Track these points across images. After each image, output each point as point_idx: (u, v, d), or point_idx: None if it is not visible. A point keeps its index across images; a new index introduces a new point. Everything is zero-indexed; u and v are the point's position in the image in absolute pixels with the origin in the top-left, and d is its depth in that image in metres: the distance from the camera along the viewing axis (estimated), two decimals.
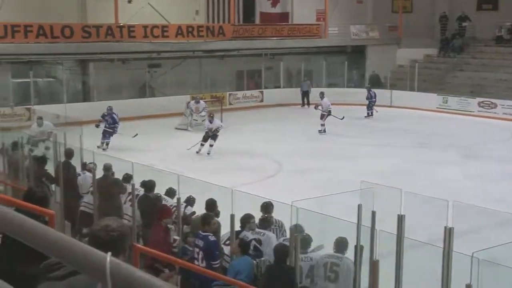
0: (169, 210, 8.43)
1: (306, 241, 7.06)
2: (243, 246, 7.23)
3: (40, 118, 16.31)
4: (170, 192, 9.45)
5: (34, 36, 21.86)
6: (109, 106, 18.63)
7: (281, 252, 6.83)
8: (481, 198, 12.21)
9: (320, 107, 21.17)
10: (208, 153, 17.43)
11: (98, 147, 17.27)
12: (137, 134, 18.48)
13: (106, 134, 18.22)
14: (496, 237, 8.52)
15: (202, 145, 17.67)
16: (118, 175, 10.16)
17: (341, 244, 6.94)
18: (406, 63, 29.02)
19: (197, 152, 17.51)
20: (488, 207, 9.87)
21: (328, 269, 6.81)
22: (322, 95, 21.61)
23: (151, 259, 7.74)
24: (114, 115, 18.35)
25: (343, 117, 21.07)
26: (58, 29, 22.26)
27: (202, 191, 9.31)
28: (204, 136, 17.81)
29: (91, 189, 9.92)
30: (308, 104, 26.26)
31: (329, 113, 20.93)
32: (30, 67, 22.76)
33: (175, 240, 8.20)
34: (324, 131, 20.66)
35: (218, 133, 17.76)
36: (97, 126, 18.26)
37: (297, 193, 9.67)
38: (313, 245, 7.19)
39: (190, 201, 9.16)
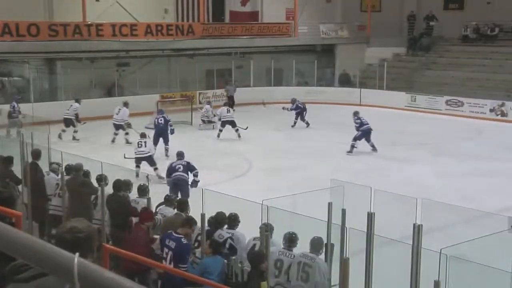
0: (151, 214, 8.34)
1: (320, 244, 7.04)
2: (215, 246, 7.20)
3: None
4: (141, 189, 9.35)
5: None
6: None
7: (256, 257, 6.86)
8: (450, 195, 12.38)
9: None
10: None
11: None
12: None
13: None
14: (464, 233, 8.64)
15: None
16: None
17: (316, 244, 6.97)
18: (375, 61, 29.28)
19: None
20: (456, 204, 10.01)
21: (301, 268, 6.85)
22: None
23: (131, 262, 7.48)
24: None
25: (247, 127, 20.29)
26: (24, 27, 21.92)
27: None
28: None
29: (57, 191, 9.81)
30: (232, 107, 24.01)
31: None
32: None
33: (154, 240, 8.09)
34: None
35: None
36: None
37: (268, 192, 9.69)
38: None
39: (169, 201, 9.06)
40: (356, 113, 18.60)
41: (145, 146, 14.81)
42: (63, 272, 1.40)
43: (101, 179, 9.22)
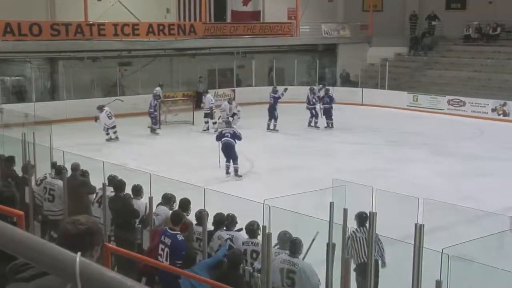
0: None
1: (298, 245, 6.93)
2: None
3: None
4: (135, 190, 9.23)
5: (1, 34, 21.49)
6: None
7: (234, 258, 6.82)
8: (451, 195, 12.36)
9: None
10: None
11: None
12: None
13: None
14: (466, 233, 8.63)
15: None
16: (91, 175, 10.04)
17: (295, 245, 6.82)
18: (376, 61, 29.23)
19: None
20: (458, 204, 10.00)
21: (285, 275, 6.70)
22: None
23: (148, 267, 7.38)
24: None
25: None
26: (26, 26, 21.93)
27: (175, 190, 9.24)
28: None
29: (46, 195, 9.72)
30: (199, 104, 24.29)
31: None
32: None
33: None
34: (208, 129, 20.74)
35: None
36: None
37: (270, 191, 9.69)
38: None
39: (166, 199, 8.99)
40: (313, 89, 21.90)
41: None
42: (64, 272, 1.40)
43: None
